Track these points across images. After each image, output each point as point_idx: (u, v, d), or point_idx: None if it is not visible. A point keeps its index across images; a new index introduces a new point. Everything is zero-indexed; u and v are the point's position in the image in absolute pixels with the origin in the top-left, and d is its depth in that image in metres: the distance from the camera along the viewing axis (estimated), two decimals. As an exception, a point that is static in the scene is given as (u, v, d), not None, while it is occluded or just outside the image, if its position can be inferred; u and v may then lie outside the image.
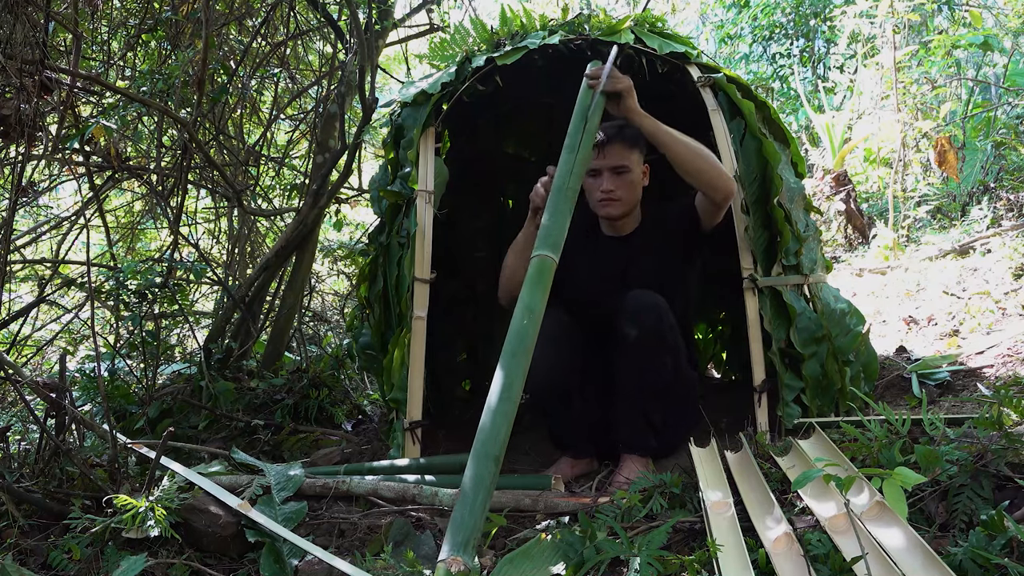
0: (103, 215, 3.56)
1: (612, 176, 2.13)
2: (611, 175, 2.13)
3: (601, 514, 1.63)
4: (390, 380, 2.29)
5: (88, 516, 1.67)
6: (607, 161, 2.12)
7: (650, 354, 2.01)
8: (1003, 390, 1.72)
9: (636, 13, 2.54)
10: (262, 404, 2.98)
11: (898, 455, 1.56)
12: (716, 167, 2.01)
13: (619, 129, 2.12)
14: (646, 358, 2.01)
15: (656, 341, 2.00)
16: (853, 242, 5.28)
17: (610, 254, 2.25)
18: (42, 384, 2.16)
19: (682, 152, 1.98)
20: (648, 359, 2.01)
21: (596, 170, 2.13)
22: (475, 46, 2.54)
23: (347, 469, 2.12)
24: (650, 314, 1.99)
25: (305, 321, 4.61)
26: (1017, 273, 3.40)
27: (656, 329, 1.99)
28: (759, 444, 1.96)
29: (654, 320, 1.99)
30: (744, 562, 1.32)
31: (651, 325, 1.99)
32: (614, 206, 2.16)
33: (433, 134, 2.37)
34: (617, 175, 2.13)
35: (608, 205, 2.16)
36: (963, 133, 5.08)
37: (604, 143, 2.09)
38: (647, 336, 1.98)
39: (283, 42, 4.18)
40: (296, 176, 4.73)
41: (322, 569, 1.49)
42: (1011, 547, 1.24)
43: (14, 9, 2.21)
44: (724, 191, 2.03)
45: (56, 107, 2.67)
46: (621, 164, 2.12)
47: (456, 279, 3.34)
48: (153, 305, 2.90)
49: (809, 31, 8.02)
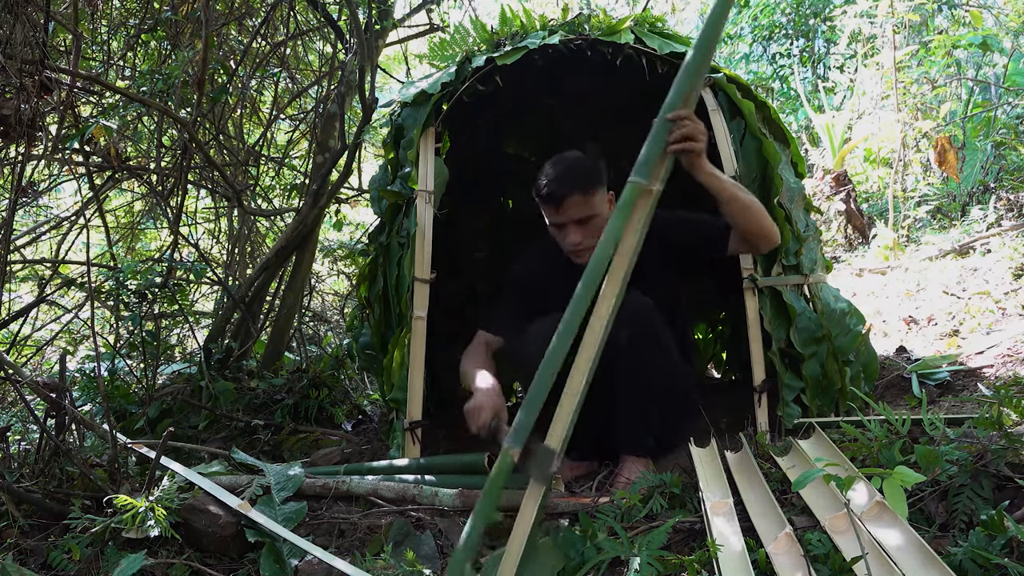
0: (103, 215, 3.56)
1: (576, 228, 2.03)
2: (575, 227, 2.03)
3: (601, 514, 1.63)
4: (390, 380, 2.29)
5: (88, 516, 1.67)
6: (568, 215, 2.01)
7: (643, 355, 2.00)
8: (1003, 390, 1.72)
9: (636, 13, 2.54)
10: (262, 404, 2.98)
11: (898, 455, 1.57)
12: (770, 224, 1.97)
13: (571, 179, 2.00)
14: (640, 360, 2.00)
15: (648, 342, 2.00)
16: (853, 242, 5.28)
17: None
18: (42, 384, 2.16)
19: (740, 211, 1.91)
20: (642, 360, 2.00)
21: (558, 224, 2.05)
22: (475, 46, 2.53)
23: (347, 469, 2.12)
24: (639, 316, 1.97)
25: (305, 321, 4.61)
26: (1017, 273, 3.40)
27: (647, 331, 1.99)
28: (759, 444, 1.96)
29: (644, 322, 1.98)
30: (744, 562, 1.32)
31: (642, 327, 1.98)
32: (584, 255, 2.05)
33: (433, 134, 2.37)
34: (582, 225, 2.03)
35: (578, 255, 2.07)
36: (963, 133, 5.08)
37: (560, 200, 1.98)
38: (639, 338, 1.98)
39: (283, 42, 4.18)
40: (296, 176, 4.73)
41: (322, 569, 1.49)
42: (1011, 547, 1.24)
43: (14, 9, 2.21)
44: (771, 245, 2.01)
45: (56, 107, 2.67)
46: (584, 215, 2.02)
47: (456, 279, 3.34)
48: (153, 305, 2.89)
49: (809, 31, 8.03)
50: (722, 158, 2.20)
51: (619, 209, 1.49)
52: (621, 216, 1.49)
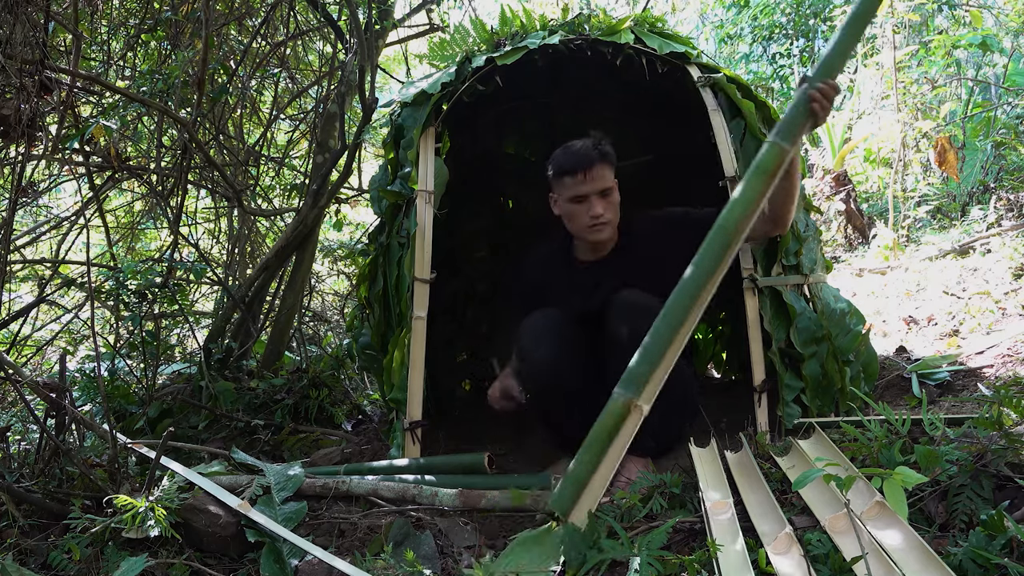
0: (103, 215, 3.56)
1: (600, 200, 2.09)
2: (599, 199, 2.09)
3: (601, 514, 1.63)
4: (390, 380, 2.29)
5: (88, 516, 1.67)
6: (594, 185, 2.08)
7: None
8: (1003, 390, 1.72)
9: (636, 13, 2.54)
10: (262, 404, 2.98)
11: (898, 455, 1.56)
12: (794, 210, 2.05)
13: (599, 150, 2.08)
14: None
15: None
16: (853, 242, 5.29)
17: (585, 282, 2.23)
18: (42, 384, 2.16)
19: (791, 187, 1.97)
20: None
21: (582, 196, 2.09)
22: (475, 46, 2.53)
23: (347, 469, 2.12)
24: (640, 314, 1.97)
25: (305, 321, 4.61)
26: (1017, 273, 3.40)
27: (648, 328, 1.99)
28: (759, 444, 1.95)
29: (644, 320, 1.98)
30: (744, 562, 1.32)
31: (642, 325, 1.98)
32: (605, 229, 2.13)
33: (433, 134, 2.37)
34: (604, 197, 2.10)
35: (600, 230, 2.13)
36: (963, 133, 5.08)
37: (589, 167, 2.05)
38: (639, 336, 1.98)
39: (283, 42, 4.18)
40: (296, 176, 4.73)
41: (322, 569, 1.49)
42: (1011, 547, 1.24)
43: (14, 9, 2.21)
44: (783, 231, 2.10)
45: (56, 107, 2.67)
46: (607, 186, 2.09)
47: (456, 279, 3.34)
48: (153, 305, 2.89)
49: (809, 31, 8.03)
50: (722, 158, 2.20)
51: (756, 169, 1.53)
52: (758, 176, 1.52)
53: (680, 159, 3.11)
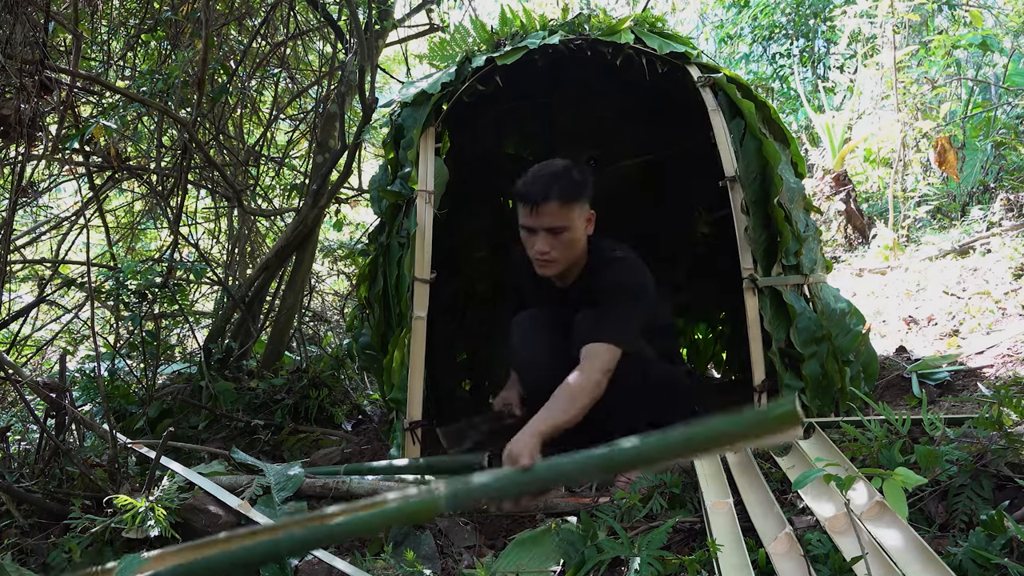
0: (103, 215, 3.56)
1: (547, 236, 1.95)
2: (546, 235, 1.95)
3: (601, 514, 1.63)
4: (390, 380, 2.29)
5: (88, 516, 1.67)
6: (539, 221, 1.94)
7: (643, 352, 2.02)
8: (1003, 390, 1.72)
9: (636, 13, 2.54)
10: (262, 404, 2.98)
11: (898, 455, 1.56)
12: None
13: (552, 185, 1.92)
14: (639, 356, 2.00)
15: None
16: (853, 242, 5.29)
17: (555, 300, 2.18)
18: (42, 384, 2.16)
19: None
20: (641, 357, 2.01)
21: (529, 228, 1.97)
22: (475, 46, 2.54)
23: (347, 469, 2.12)
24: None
25: (305, 321, 4.61)
26: (1017, 273, 3.40)
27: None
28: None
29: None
30: (744, 562, 1.32)
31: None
32: (548, 267, 2.01)
33: (433, 134, 2.37)
34: (554, 235, 1.95)
35: (543, 266, 2.01)
36: (963, 133, 5.08)
37: (537, 202, 1.91)
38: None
39: (283, 42, 4.18)
40: (296, 176, 4.73)
41: (322, 569, 1.49)
42: (1011, 547, 1.24)
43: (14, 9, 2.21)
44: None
45: (56, 107, 2.67)
46: (557, 225, 1.94)
47: (456, 279, 3.34)
48: (153, 305, 2.89)
49: (809, 31, 8.02)
50: (722, 158, 2.20)
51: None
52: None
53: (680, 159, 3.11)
